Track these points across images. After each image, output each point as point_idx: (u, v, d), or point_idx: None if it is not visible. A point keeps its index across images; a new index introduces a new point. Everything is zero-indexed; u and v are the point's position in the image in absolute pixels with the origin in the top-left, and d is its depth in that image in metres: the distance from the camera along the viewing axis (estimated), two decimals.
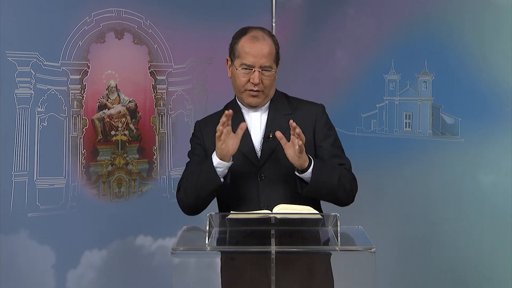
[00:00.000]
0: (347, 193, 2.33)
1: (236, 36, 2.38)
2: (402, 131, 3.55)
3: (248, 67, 2.32)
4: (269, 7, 3.89)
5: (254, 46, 2.31)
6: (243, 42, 2.34)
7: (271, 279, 1.98)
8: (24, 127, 3.11)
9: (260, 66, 2.31)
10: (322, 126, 2.41)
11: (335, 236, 1.98)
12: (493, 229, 3.21)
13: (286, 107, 2.42)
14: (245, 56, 2.32)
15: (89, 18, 3.29)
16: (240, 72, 2.33)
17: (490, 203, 3.21)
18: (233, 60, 2.37)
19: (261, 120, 2.40)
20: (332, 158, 2.38)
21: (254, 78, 2.31)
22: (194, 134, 2.49)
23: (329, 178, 2.27)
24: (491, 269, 3.22)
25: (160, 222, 3.51)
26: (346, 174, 2.34)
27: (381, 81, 3.60)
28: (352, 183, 2.36)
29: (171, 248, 1.94)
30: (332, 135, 2.43)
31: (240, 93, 2.38)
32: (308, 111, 2.42)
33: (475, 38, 3.24)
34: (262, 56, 2.31)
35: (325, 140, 2.40)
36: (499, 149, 3.17)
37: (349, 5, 3.74)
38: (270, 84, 2.36)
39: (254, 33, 2.35)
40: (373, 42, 3.62)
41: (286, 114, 2.40)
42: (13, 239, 3.07)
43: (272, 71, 2.34)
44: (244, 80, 2.33)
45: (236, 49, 2.35)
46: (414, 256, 3.47)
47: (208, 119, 2.50)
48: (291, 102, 2.45)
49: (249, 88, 2.34)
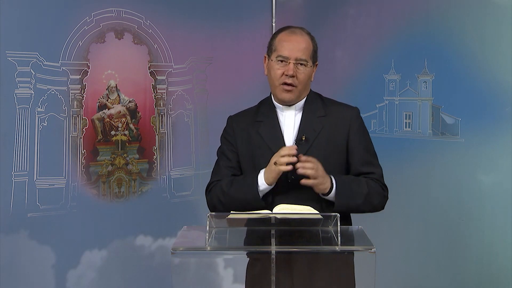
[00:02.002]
0: (375, 207, 2.35)
1: (275, 33, 2.42)
2: (402, 131, 3.55)
3: (284, 58, 2.32)
4: (269, 7, 3.89)
5: (291, 39, 2.33)
6: (281, 36, 2.37)
7: (272, 279, 1.97)
8: (24, 127, 3.10)
9: (296, 58, 2.32)
10: (356, 130, 2.39)
11: (335, 236, 1.98)
12: (493, 229, 3.21)
13: (320, 109, 2.40)
14: (281, 48, 2.33)
15: (89, 18, 3.29)
16: (275, 64, 2.34)
17: (490, 203, 3.22)
18: (270, 55, 2.38)
19: (295, 121, 2.39)
20: (364, 164, 2.37)
21: (288, 70, 2.31)
22: (225, 129, 2.49)
23: (354, 201, 2.28)
24: (491, 269, 3.22)
25: (160, 222, 3.50)
26: (373, 191, 2.33)
27: (381, 81, 3.60)
28: (381, 196, 2.36)
29: (171, 248, 1.94)
30: (366, 140, 2.41)
31: (274, 88, 2.37)
32: (342, 114, 2.41)
33: (475, 38, 3.24)
34: (298, 50, 2.32)
35: (358, 146, 2.38)
36: (499, 149, 3.18)
37: (349, 5, 3.74)
38: (304, 81, 2.35)
39: (293, 29, 2.38)
40: (373, 42, 3.63)
41: (320, 116, 2.38)
42: (13, 239, 3.07)
43: (308, 66, 2.34)
44: (279, 73, 2.33)
45: (273, 43, 2.37)
46: (414, 256, 3.47)
47: (241, 116, 2.49)
48: (326, 103, 2.43)
49: (284, 81, 2.33)
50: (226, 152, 2.43)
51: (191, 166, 3.66)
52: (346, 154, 2.37)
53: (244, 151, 2.40)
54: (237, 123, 2.45)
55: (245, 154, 2.40)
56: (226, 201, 2.33)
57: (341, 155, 2.35)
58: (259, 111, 2.44)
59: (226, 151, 2.43)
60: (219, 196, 2.35)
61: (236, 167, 2.41)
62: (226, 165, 2.41)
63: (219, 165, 2.44)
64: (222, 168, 2.42)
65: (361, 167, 2.36)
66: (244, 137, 2.38)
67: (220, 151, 2.46)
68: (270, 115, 2.38)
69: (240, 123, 2.44)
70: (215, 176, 2.42)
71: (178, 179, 3.55)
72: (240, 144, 2.40)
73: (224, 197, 2.33)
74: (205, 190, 2.45)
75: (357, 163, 2.36)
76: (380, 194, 2.36)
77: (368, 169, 2.36)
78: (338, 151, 2.34)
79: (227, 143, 2.44)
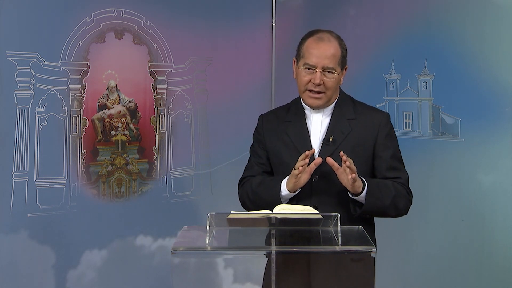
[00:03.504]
0: (399, 211, 2.36)
1: (304, 37, 2.41)
2: (402, 131, 3.55)
3: (311, 67, 2.33)
4: (269, 7, 3.89)
5: (318, 47, 2.33)
6: (309, 43, 2.36)
7: (272, 279, 1.97)
8: (24, 127, 3.10)
9: (323, 67, 2.32)
10: (384, 135, 2.40)
11: (335, 236, 1.98)
12: (493, 229, 3.21)
13: (350, 112, 2.41)
14: (308, 56, 2.33)
15: (89, 18, 3.29)
16: (302, 71, 2.34)
17: (490, 203, 3.22)
18: (298, 61, 2.38)
19: (322, 123, 2.40)
20: (389, 170, 2.38)
21: (315, 78, 2.32)
22: (256, 128, 2.54)
23: (382, 203, 2.29)
24: (491, 269, 3.22)
25: (160, 222, 3.50)
26: (400, 194, 2.34)
27: (381, 81, 3.60)
28: (406, 201, 2.38)
29: (171, 248, 1.94)
30: (393, 146, 2.42)
31: (301, 93, 2.40)
32: (372, 118, 2.42)
33: (475, 38, 3.24)
34: (325, 57, 2.32)
35: (385, 151, 2.39)
36: (499, 149, 3.18)
37: (349, 5, 3.74)
38: (333, 87, 2.36)
39: (321, 34, 2.37)
40: (373, 42, 3.62)
41: (349, 118, 2.40)
42: (13, 239, 3.07)
43: (335, 73, 2.34)
44: (306, 80, 2.34)
45: (301, 49, 2.37)
46: (414, 256, 3.47)
47: (272, 114, 2.53)
48: (356, 107, 2.45)
49: (310, 88, 2.34)
50: (256, 149, 2.51)
51: (191, 166, 3.66)
52: (372, 158, 2.39)
53: (272, 149, 2.45)
54: (267, 122, 2.50)
55: (274, 152, 2.45)
56: (254, 198, 2.40)
57: (367, 159, 2.37)
58: (289, 111, 2.48)
59: (256, 149, 2.51)
60: (248, 193, 2.43)
61: (266, 163, 2.48)
62: (257, 161, 2.49)
63: (251, 161, 2.52)
64: (254, 164, 2.50)
65: (386, 172, 2.38)
66: (273, 136, 2.45)
67: (252, 148, 2.54)
68: (299, 116, 2.42)
69: (270, 122, 2.49)
70: (247, 172, 2.51)
71: (178, 179, 3.55)
72: (269, 143, 2.46)
73: (253, 195, 2.40)
74: (237, 184, 2.53)
75: (383, 168, 2.38)
76: (406, 198, 2.38)
77: (394, 174, 2.38)
78: (365, 155, 2.36)
79: (257, 141, 2.51)
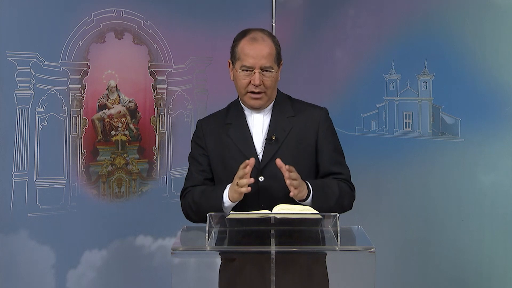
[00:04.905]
0: (344, 209, 2.36)
1: (236, 38, 2.39)
2: (402, 131, 3.55)
3: (248, 68, 2.32)
4: (269, 7, 3.89)
5: (253, 48, 2.32)
6: (243, 44, 2.34)
7: (271, 279, 1.98)
8: (24, 127, 3.11)
9: (260, 67, 2.31)
10: (325, 130, 2.41)
11: (335, 236, 1.98)
12: (493, 229, 3.21)
13: (289, 109, 2.42)
14: (245, 58, 2.32)
15: (89, 18, 3.29)
16: (241, 74, 2.33)
17: (490, 203, 3.21)
18: (234, 63, 2.37)
19: (264, 122, 2.40)
20: (333, 164, 2.39)
21: (254, 79, 2.31)
22: (195, 133, 2.49)
23: (328, 204, 2.28)
24: (491, 269, 3.22)
25: (160, 222, 3.51)
26: (343, 192, 2.36)
27: (381, 81, 3.60)
28: (350, 197, 2.40)
29: (171, 248, 1.94)
30: (335, 140, 2.44)
31: (242, 96, 2.38)
32: (311, 114, 2.42)
33: (475, 38, 3.24)
34: (261, 57, 2.31)
35: (327, 146, 2.41)
36: (499, 149, 3.17)
37: (349, 5, 3.74)
38: (272, 85, 2.36)
39: (253, 34, 2.35)
40: (373, 42, 3.62)
41: (289, 116, 2.40)
42: (13, 239, 3.07)
43: (273, 72, 2.34)
44: (245, 82, 2.34)
45: (236, 51, 2.36)
46: (414, 256, 3.47)
47: (211, 118, 2.50)
48: (295, 104, 2.45)
49: (251, 90, 2.34)
50: (196, 156, 2.45)
51: None
52: (315, 153, 2.40)
53: (214, 153, 2.41)
54: (206, 126, 2.46)
55: (216, 157, 2.41)
56: (197, 209, 2.35)
57: (310, 155, 2.37)
58: (228, 113, 2.45)
59: (196, 156, 2.45)
60: (190, 204, 2.38)
61: (207, 170, 2.43)
62: (198, 169, 2.43)
63: (190, 170, 2.46)
64: (193, 173, 2.44)
65: (330, 166, 2.39)
66: (214, 140, 2.40)
67: (191, 156, 2.48)
68: (239, 118, 2.40)
69: (210, 126, 2.45)
70: (188, 182, 2.44)
71: (178, 179, 3.55)
72: (210, 147, 2.42)
73: (195, 206, 2.35)
74: (179, 196, 2.47)
75: (326, 162, 2.39)
76: (349, 194, 2.39)
77: (337, 169, 2.40)
78: (307, 151, 2.37)
79: (198, 147, 2.45)
